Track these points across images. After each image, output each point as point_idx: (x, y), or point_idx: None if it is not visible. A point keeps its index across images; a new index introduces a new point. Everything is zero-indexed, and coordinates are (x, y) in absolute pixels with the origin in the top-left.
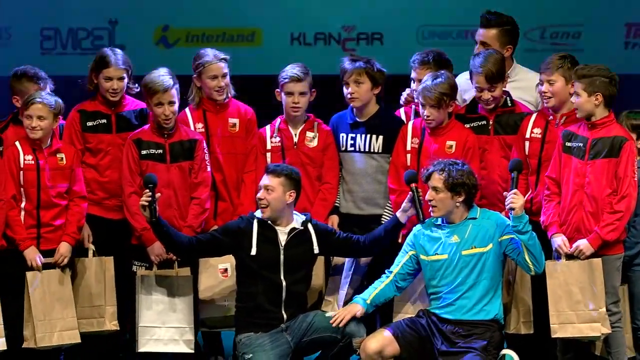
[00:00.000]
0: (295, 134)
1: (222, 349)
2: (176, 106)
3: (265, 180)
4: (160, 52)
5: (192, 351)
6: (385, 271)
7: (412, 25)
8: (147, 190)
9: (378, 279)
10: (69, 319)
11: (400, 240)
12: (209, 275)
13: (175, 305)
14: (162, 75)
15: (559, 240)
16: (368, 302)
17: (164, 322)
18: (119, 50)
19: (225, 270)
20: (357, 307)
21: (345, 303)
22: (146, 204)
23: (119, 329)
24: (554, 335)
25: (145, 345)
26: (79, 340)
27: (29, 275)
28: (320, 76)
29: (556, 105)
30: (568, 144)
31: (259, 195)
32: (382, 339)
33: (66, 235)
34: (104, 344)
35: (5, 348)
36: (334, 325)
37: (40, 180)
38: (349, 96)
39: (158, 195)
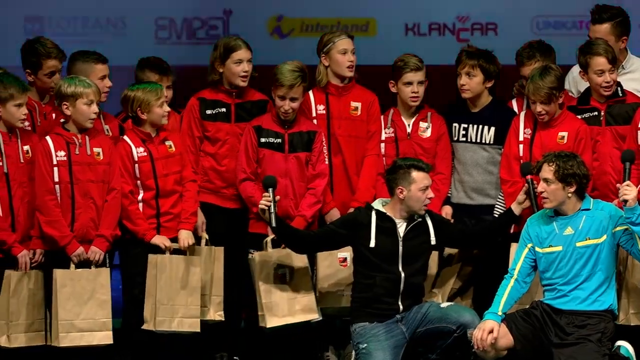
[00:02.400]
0: (409, 125)
1: (337, 337)
2: (298, 103)
3: (430, 179)
4: (274, 42)
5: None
6: (508, 271)
7: (526, 16)
8: (267, 194)
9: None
10: (192, 307)
11: (511, 231)
12: (328, 264)
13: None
14: (295, 71)
15: None
16: (499, 314)
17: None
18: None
19: (345, 259)
20: (492, 324)
21: (450, 297)
22: (265, 207)
23: (224, 319)
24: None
25: (270, 321)
26: (199, 330)
27: (155, 257)
28: (434, 66)
29: None
30: None
31: (430, 196)
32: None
33: (182, 223)
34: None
35: (112, 342)
36: (477, 350)
37: (155, 170)
38: (460, 87)
39: (278, 197)
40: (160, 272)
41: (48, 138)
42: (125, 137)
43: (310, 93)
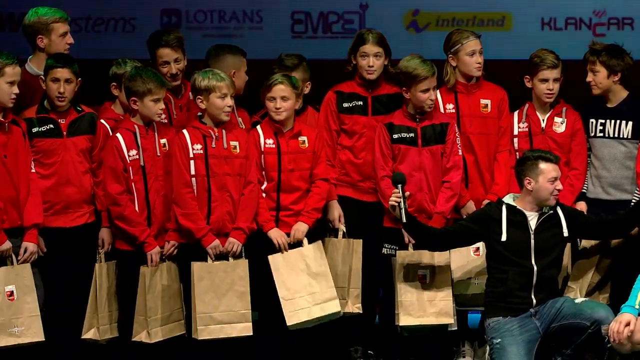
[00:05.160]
0: (543, 120)
1: (472, 332)
2: (437, 91)
3: (558, 170)
4: (410, 37)
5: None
6: None
7: None
8: (397, 190)
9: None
10: (326, 290)
11: None
12: (461, 254)
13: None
14: (425, 60)
15: None
16: (636, 307)
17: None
18: (376, 31)
19: (477, 249)
20: (628, 317)
21: (589, 292)
22: (395, 204)
23: (361, 312)
24: None
25: (404, 319)
26: (339, 309)
27: (271, 258)
28: (570, 61)
29: None
30: None
31: (559, 187)
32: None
33: (302, 215)
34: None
35: (251, 333)
36: (613, 343)
37: (281, 164)
38: (589, 84)
39: (408, 194)
40: (277, 271)
41: (185, 131)
42: (258, 127)
43: (438, 92)
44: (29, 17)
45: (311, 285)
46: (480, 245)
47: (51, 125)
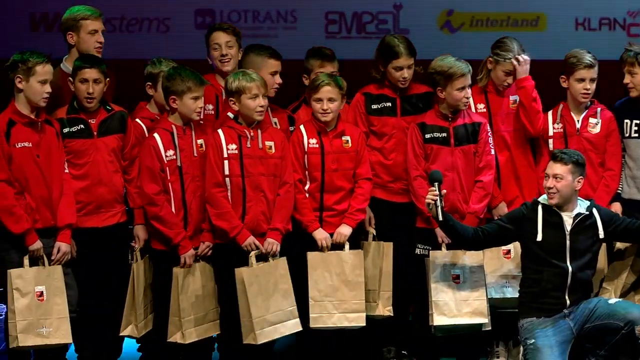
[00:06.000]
0: (578, 120)
1: (506, 332)
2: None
3: (554, 168)
4: (444, 37)
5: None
6: None
7: None
8: (433, 188)
9: None
10: (355, 302)
11: None
12: (492, 256)
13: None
14: (458, 59)
15: None
16: None
17: (456, 299)
18: (404, 37)
19: (509, 252)
20: None
21: (623, 293)
22: (432, 202)
23: (392, 314)
24: None
25: (438, 319)
26: (364, 324)
27: (310, 255)
28: (604, 62)
29: None
30: None
31: (547, 184)
32: None
33: (346, 217)
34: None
35: (301, 329)
36: None
37: (324, 164)
38: (626, 85)
39: (444, 192)
40: (313, 269)
41: (220, 131)
42: (301, 127)
43: (469, 92)
44: (64, 15)
45: (342, 292)
46: (512, 247)
47: (82, 126)
